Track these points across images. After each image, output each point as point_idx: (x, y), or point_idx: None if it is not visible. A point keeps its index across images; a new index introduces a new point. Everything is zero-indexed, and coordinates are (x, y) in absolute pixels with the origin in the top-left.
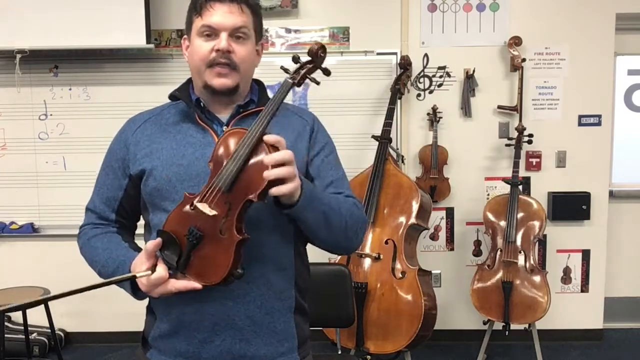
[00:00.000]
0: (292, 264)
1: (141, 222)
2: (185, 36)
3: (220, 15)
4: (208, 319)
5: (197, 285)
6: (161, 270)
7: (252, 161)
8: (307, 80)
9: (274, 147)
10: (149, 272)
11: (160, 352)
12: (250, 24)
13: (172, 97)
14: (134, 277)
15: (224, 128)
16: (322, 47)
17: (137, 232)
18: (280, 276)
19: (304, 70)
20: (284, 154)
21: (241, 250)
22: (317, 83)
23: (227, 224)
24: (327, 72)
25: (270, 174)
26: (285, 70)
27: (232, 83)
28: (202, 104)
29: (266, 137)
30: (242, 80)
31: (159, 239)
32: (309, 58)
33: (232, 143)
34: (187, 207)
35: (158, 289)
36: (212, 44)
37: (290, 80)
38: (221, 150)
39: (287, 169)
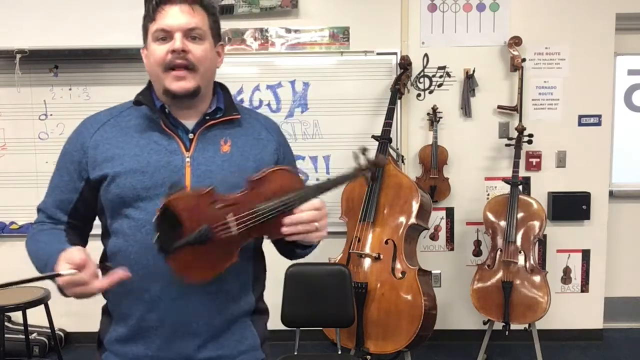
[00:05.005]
0: (249, 270)
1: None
2: (143, 47)
3: (172, 17)
4: (168, 326)
5: (125, 273)
6: (85, 274)
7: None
8: (309, 80)
9: None
10: (73, 271)
11: (116, 356)
12: (205, 24)
13: (137, 102)
14: (58, 275)
15: (190, 135)
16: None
17: (94, 233)
18: (238, 284)
19: (364, 170)
20: (317, 213)
21: None
22: (369, 184)
23: (236, 244)
24: (374, 178)
25: (289, 230)
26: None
27: (192, 85)
28: (166, 109)
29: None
30: (203, 82)
31: (113, 277)
32: (375, 163)
33: (284, 185)
34: (210, 203)
35: (75, 289)
36: (167, 46)
37: (355, 173)
38: (271, 184)
39: (306, 227)
